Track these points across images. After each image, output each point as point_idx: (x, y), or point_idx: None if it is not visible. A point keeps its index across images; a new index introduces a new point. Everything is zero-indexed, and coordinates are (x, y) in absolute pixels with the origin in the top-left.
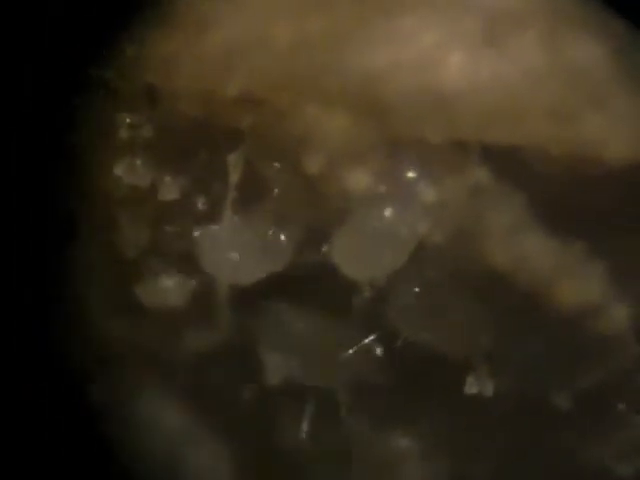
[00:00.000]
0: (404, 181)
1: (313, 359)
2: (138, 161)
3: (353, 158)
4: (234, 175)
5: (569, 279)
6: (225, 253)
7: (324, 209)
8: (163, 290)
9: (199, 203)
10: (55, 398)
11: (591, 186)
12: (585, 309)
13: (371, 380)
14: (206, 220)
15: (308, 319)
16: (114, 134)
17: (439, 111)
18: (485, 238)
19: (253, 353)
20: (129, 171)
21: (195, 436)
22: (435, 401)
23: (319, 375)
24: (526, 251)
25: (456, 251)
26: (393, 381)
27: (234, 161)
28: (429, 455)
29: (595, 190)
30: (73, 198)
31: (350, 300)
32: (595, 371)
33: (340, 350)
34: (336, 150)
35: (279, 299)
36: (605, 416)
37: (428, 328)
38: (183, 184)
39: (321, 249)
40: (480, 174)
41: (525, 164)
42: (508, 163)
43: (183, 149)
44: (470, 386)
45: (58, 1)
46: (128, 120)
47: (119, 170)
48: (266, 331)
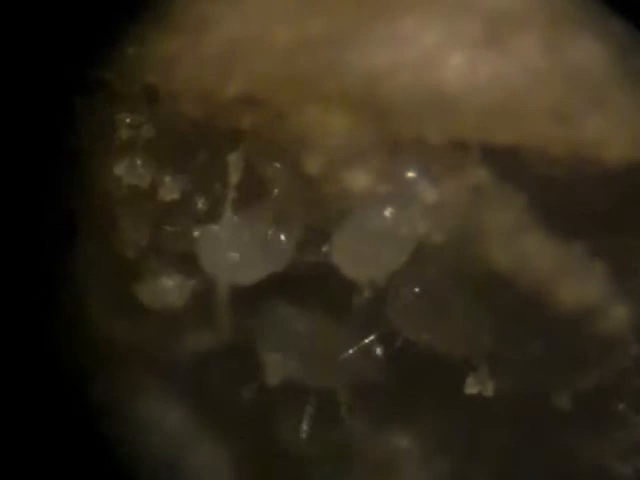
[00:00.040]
0: (404, 181)
1: (313, 359)
2: (138, 161)
3: (353, 158)
4: (234, 175)
5: (569, 279)
6: (225, 253)
7: (324, 209)
8: (163, 290)
9: (199, 203)
10: (55, 398)
11: (591, 186)
12: (585, 309)
13: (371, 380)
14: (206, 220)
15: (308, 319)
16: (114, 134)
17: (439, 111)
18: (485, 238)
19: (253, 353)
20: (129, 171)
21: (195, 436)
22: (435, 401)
23: (319, 375)
24: (526, 251)
25: (456, 251)
26: (393, 381)
27: (234, 161)
28: (429, 455)
29: (595, 190)
30: (73, 198)
31: (350, 300)
32: (595, 371)
33: (340, 350)
34: (336, 150)
35: (279, 299)
36: (605, 416)
37: (428, 328)
38: (183, 184)
39: (321, 249)
40: (480, 174)
41: (525, 164)
42: (508, 163)
43: (183, 149)
44: (470, 386)
45: (58, 2)
46: (128, 120)
47: (119, 170)
48: (266, 331)
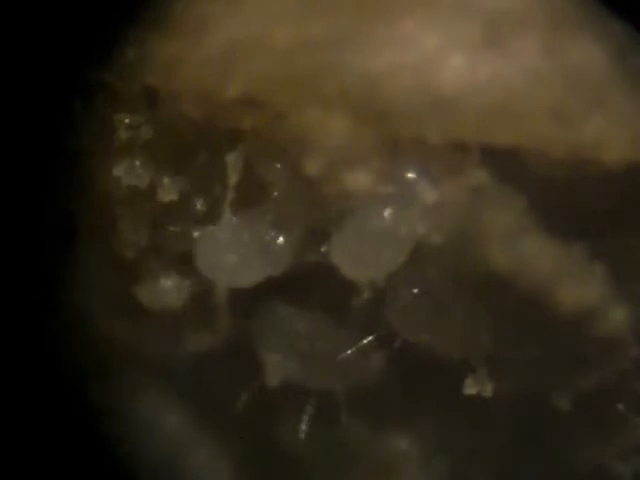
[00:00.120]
0: (404, 182)
1: (312, 360)
2: (137, 162)
3: (353, 159)
4: (233, 176)
5: (569, 281)
6: (222, 256)
7: (324, 210)
8: (162, 291)
9: (198, 204)
10: (55, 398)
11: (591, 187)
12: (585, 311)
13: (370, 381)
14: (205, 221)
15: (307, 319)
16: (113, 135)
17: (439, 113)
18: (485, 239)
19: (252, 354)
20: (128, 172)
21: (195, 436)
22: (434, 402)
23: (318, 376)
24: (526, 252)
25: (456, 252)
26: (392, 382)
27: (233, 162)
28: (428, 456)
29: (595, 192)
30: (73, 198)
31: (349, 301)
32: (595, 372)
33: (339, 351)
34: (336, 151)
35: (278, 299)
36: (605, 417)
37: (427, 329)
38: (182, 185)
39: (321, 249)
40: (480, 175)
41: (525, 165)
42: (508, 164)
43: (182, 150)
44: (469, 387)
45: (58, 3)
46: (127, 121)
47: (118, 171)
48: (265, 331)
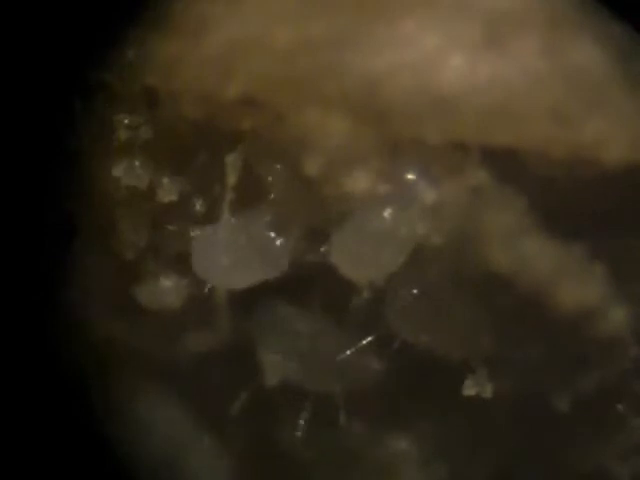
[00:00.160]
0: (404, 182)
1: (311, 360)
2: (136, 162)
3: (353, 160)
4: (233, 177)
5: (569, 281)
6: (222, 256)
7: (323, 210)
8: (162, 291)
9: (198, 204)
10: (55, 399)
11: (591, 188)
12: (585, 311)
13: (369, 382)
14: (204, 221)
15: (307, 320)
16: (113, 135)
17: (439, 113)
18: (484, 240)
19: (252, 354)
20: (128, 172)
21: (195, 436)
22: (433, 403)
23: (317, 376)
24: (526, 253)
25: (456, 252)
26: (391, 383)
27: (233, 163)
28: (428, 458)
29: (595, 192)
30: (72, 199)
31: (349, 301)
32: (594, 373)
33: (338, 351)
34: (336, 152)
35: (278, 299)
36: (604, 418)
37: (426, 330)
38: (181, 186)
39: (320, 250)
40: (480, 176)
41: (525, 166)
42: (508, 165)
43: (182, 151)
44: (469, 388)
45: (57, 3)
46: (127, 121)
47: (118, 171)
48: (265, 332)
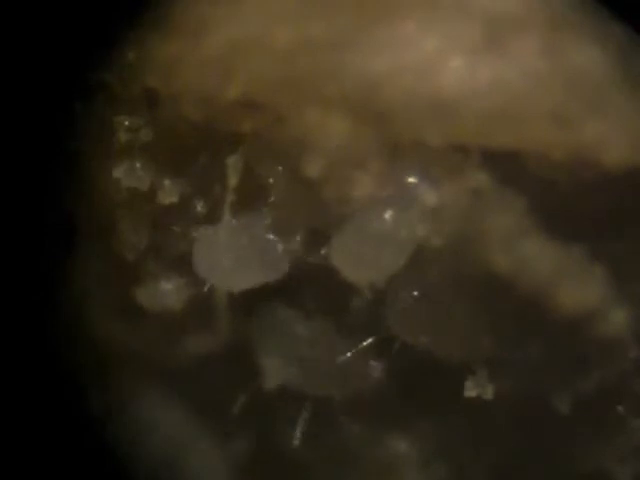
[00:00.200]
0: (404, 184)
1: (311, 362)
2: (137, 164)
3: (353, 162)
4: (233, 178)
5: (569, 282)
6: (222, 259)
7: (324, 212)
8: (162, 293)
9: (198, 206)
10: (55, 399)
11: (591, 190)
12: (585, 312)
13: (369, 383)
14: (205, 223)
15: (307, 322)
16: (113, 137)
17: (439, 115)
18: (485, 241)
19: (252, 356)
20: (128, 174)
21: (195, 436)
22: (434, 405)
23: (317, 379)
24: (526, 255)
25: (456, 254)
26: (391, 385)
27: (233, 164)
28: (428, 459)
29: (595, 194)
30: (73, 200)
31: (349, 303)
32: (595, 374)
33: (338, 353)
34: (336, 153)
35: (278, 302)
36: (605, 419)
37: (427, 331)
38: (182, 187)
39: (320, 252)
40: (480, 178)
41: (525, 168)
42: (508, 167)
43: (182, 152)
44: (469, 390)
45: (58, 5)
46: (127, 123)
47: (118, 173)
48: (265, 334)
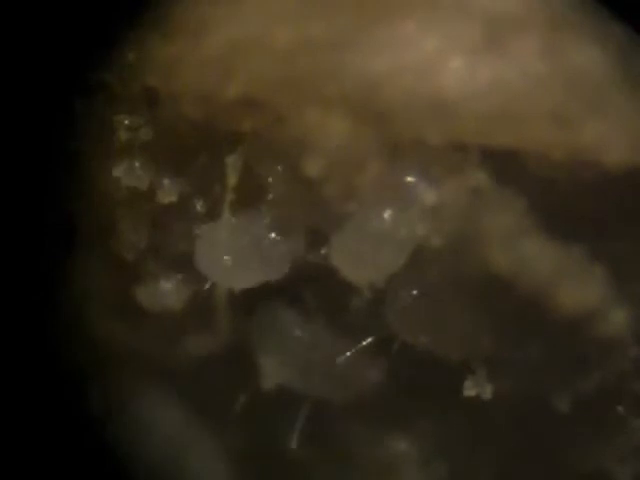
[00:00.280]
0: (404, 184)
1: (311, 362)
2: (137, 163)
3: (353, 162)
4: (233, 178)
5: (569, 282)
6: (223, 258)
7: (323, 212)
8: (162, 293)
9: (198, 205)
10: (55, 399)
11: (591, 190)
12: (585, 312)
13: (369, 383)
14: (205, 223)
15: (307, 321)
16: (113, 136)
17: (439, 115)
18: (484, 241)
19: (251, 355)
20: (128, 173)
21: (195, 436)
22: (433, 404)
23: (317, 378)
24: (526, 254)
25: (455, 254)
26: (391, 384)
27: (233, 164)
28: (428, 458)
29: (595, 194)
30: (72, 199)
31: (349, 302)
32: (594, 374)
33: (338, 353)
34: (336, 152)
35: (278, 301)
36: (604, 418)
37: (426, 331)
38: (182, 187)
39: (320, 251)
40: (480, 177)
41: (525, 167)
42: (508, 166)
43: (182, 152)
44: (468, 389)
45: (58, 5)
46: (127, 122)
47: (118, 172)
48: (264, 333)
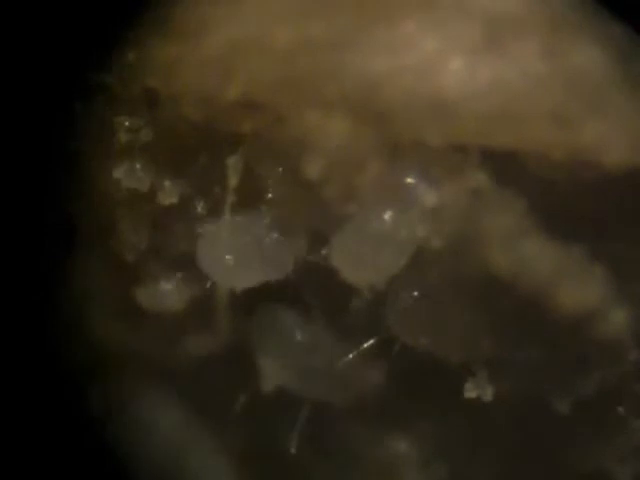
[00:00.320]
0: (404, 185)
1: (312, 363)
2: (137, 165)
3: (353, 162)
4: (233, 179)
5: (569, 283)
6: (224, 257)
7: (324, 213)
8: (162, 294)
9: (198, 207)
10: (55, 399)
11: (591, 190)
12: (585, 313)
13: (369, 384)
14: (205, 224)
15: (307, 322)
16: (114, 137)
17: (439, 116)
18: (485, 242)
19: (251, 357)
20: (128, 174)
21: (195, 436)
22: (434, 406)
23: (317, 379)
24: (526, 255)
25: (456, 255)
26: (391, 386)
27: (234, 165)
28: (428, 460)
29: (595, 194)
30: (73, 200)
31: (349, 304)
32: (595, 375)
33: (339, 355)
34: (336, 153)
35: (278, 303)
36: (604, 419)
37: (427, 332)
38: (182, 188)
39: (321, 252)
40: (480, 178)
41: (525, 168)
42: (508, 167)
43: (182, 153)
44: (469, 391)
45: (58, 5)
46: (127, 123)
47: (118, 173)
48: (264, 334)
